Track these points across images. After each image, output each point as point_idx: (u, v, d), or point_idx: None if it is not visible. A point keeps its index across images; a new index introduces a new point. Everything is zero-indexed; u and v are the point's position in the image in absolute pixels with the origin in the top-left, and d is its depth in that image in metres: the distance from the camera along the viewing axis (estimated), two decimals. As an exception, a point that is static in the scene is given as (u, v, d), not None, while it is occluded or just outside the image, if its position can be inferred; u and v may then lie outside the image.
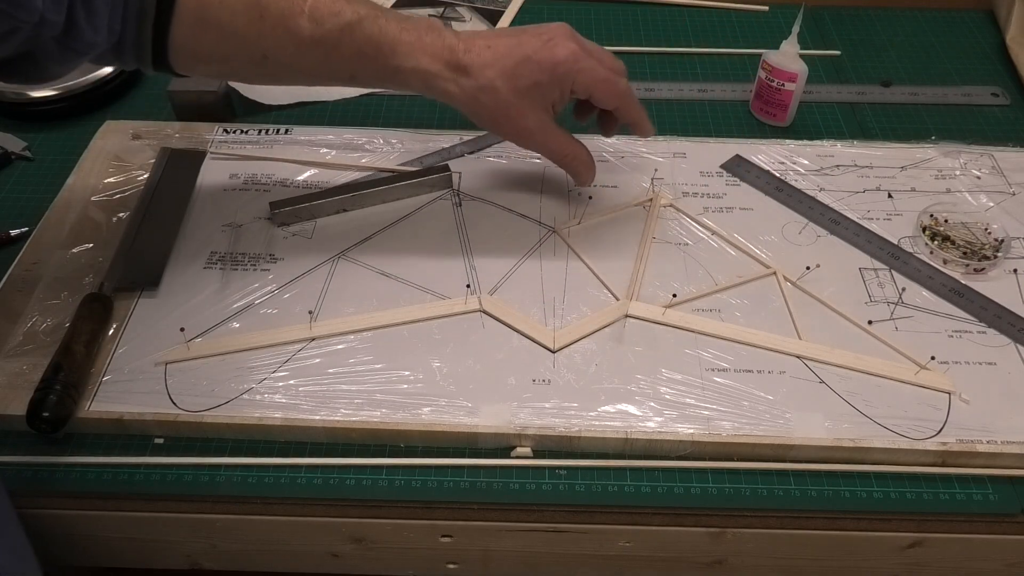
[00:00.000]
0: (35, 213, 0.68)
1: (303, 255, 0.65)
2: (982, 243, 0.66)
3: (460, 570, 0.57)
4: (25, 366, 0.57)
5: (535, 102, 0.60)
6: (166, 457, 0.54)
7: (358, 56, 0.56)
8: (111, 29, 0.51)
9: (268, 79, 0.61)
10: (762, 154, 0.74)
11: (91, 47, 0.52)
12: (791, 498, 0.53)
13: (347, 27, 0.54)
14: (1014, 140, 0.77)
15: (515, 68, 0.58)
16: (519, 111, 0.60)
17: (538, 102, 0.60)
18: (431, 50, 0.57)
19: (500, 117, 0.60)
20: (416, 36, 0.57)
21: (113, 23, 0.51)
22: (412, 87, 0.59)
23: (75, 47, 0.51)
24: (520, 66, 0.58)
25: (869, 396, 0.57)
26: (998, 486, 0.54)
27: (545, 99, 0.60)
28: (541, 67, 0.58)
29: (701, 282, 0.64)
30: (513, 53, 0.58)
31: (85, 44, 0.51)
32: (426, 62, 0.57)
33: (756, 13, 0.95)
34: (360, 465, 0.54)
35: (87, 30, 0.50)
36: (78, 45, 0.51)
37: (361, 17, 0.55)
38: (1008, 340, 0.60)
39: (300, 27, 0.53)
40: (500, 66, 0.58)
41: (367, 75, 0.58)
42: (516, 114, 0.60)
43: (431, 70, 0.57)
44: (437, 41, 0.58)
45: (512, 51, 0.59)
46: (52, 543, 0.55)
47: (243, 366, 0.58)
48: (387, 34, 0.56)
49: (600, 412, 0.55)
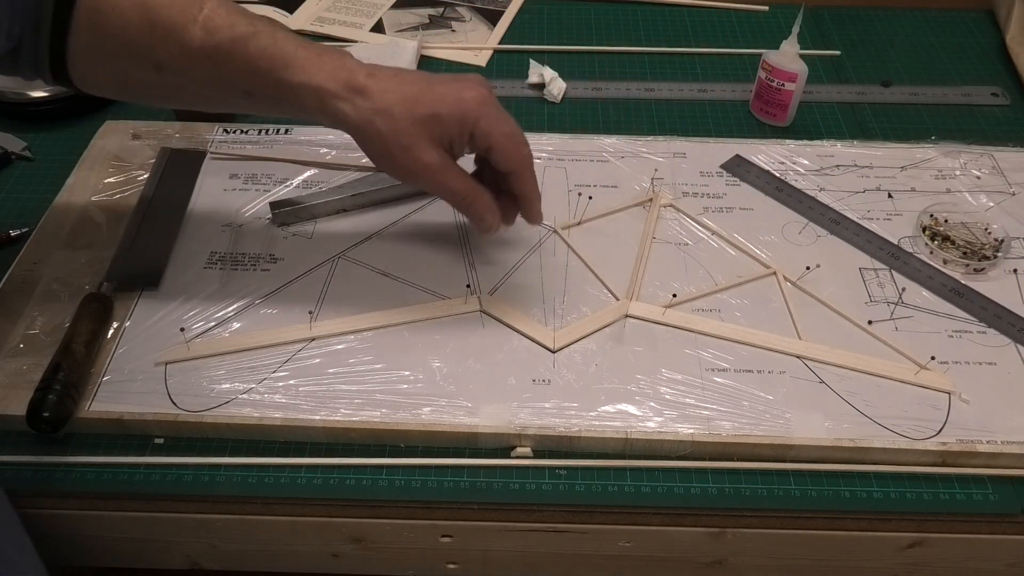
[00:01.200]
0: (35, 213, 0.68)
1: (303, 255, 0.65)
2: (982, 243, 0.66)
3: (460, 570, 0.57)
4: (25, 366, 0.57)
5: (432, 135, 0.54)
6: (166, 457, 0.54)
7: (250, 70, 0.52)
8: (10, 34, 0.50)
9: (166, 97, 0.58)
10: (762, 154, 0.74)
11: None
12: (791, 498, 0.53)
13: (239, 38, 0.52)
14: (1014, 140, 0.77)
15: (417, 96, 0.54)
16: (414, 141, 0.54)
17: (436, 136, 0.54)
18: (329, 68, 0.53)
19: (393, 147, 0.54)
20: (314, 53, 0.53)
21: (13, 27, 0.50)
22: (306, 107, 0.54)
23: None
24: (423, 94, 0.54)
25: (869, 396, 0.57)
26: (998, 486, 0.54)
27: (443, 134, 0.54)
28: (444, 100, 0.54)
29: (701, 282, 0.64)
30: (419, 83, 0.54)
31: None
32: (321, 78, 0.53)
33: (756, 13, 0.95)
34: (360, 465, 0.54)
35: None
36: None
37: (257, 31, 0.52)
38: (1008, 340, 0.60)
39: (192, 36, 0.51)
40: (401, 92, 0.53)
41: (260, 92, 0.54)
42: (411, 144, 0.54)
43: (325, 87, 0.53)
44: (337, 61, 0.54)
45: (418, 82, 0.55)
46: (52, 543, 0.55)
47: (243, 366, 0.58)
48: (282, 48, 0.52)
49: (600, 412, 0.55)
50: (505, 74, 0.86)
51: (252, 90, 0.54)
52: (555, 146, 0.75)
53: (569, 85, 0.83)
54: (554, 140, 0.76)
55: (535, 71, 0.84)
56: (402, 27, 0.92)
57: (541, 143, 0.75)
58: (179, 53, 0.52)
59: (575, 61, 0.88)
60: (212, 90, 0.55)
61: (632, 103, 0.82)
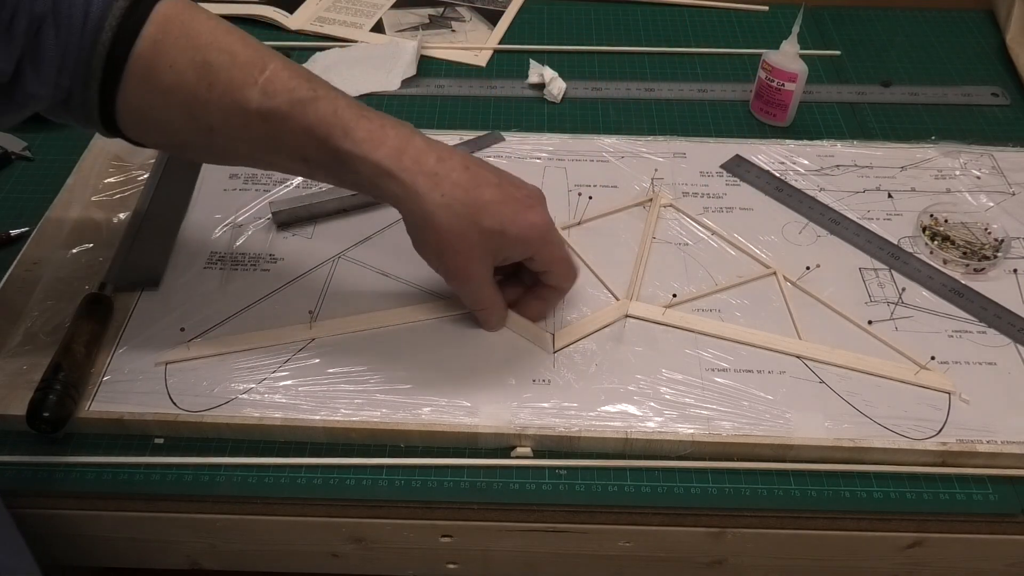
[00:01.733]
0: (35, 213, 0.68)
1: (303, 255, 0.65)
2: (982, 243, 0.66)
3: (460, 570, 0.57)
4: (25, 366, 0.57)
5: (490, 248, 0.53)
6: (166, 457, 0.54)
7: (307, 136, 0.50)
8: (58, 85, 0.49)
9: (218, 155, 0.56)
10: (762, 154, 0.74)
11: (33, 99, 0.49)
12: (791, 498, 0.53)
13: (299, 102, 0.50)
14: (1014, 140, 0.77)
15: (487, 206, 0.52)
16: (472, 250, 0.53)
17: (493, 250, 0.53)
18: (393, 143, 0.51)
19: (448, 248, 0.52)
20: (377, 125, 0.51)
21: (61, 79, 0.49)
22: (362, 181, 0.52)
23: (17, 98, 0.49)
24: (493, 206, 0.52)
25: (869, 396, 0.57)
26: (998, 486, 0.54)
27: (499, 252, 0.54)
28: (514, 221, 0.53)
29: (701, 282, 0.64)
30: (490, 187, 0.53)
31: (26, 95, 0.49)
32: (382, 154, 0.50)
33: (756, 13, 0.95)
34: (360, 465, 0.54)
35: (32, 82, 0.48)
36: (19, 96, 0.49)
37: (318, 96, 0.50)
38: (1008, 340, 0.60)
39: (249, 98, 0.49)
40: (473, 196, 0.52)
41: (317, 159, 0.51)
42: (468, 251, 0.53)
43: (385, 164, 0.50)
44: (403, 138, 0.51)
45: (489, 184, 0.53)
46: (52, 543, 0.55)
47: (243, 366, 0.58)
48: (342, 117, 0.50)
49: (600, 412, 0.55)
50: (505, 74, 0.86)
51: (308, 157, 0.52)
52: (555, 146, 0.75)
53: (569, 85, 0.83)
54: (554, 140, 0.76)
55: (535, 71, 0.84)
56: (402, 27, 0.92)
57: (541, 143, 0.75)
58: (234, 114, 0.50)
59: (575, 61, 0.88)
60: (266, 153, 0.53)
61: (632, 103, 0.82)
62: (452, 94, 0.83)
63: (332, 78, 0.82)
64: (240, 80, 0.50)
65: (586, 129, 0.78)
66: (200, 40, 0.50)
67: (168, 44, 0.49)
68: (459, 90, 0.84)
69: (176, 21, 0.49)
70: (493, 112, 0.81)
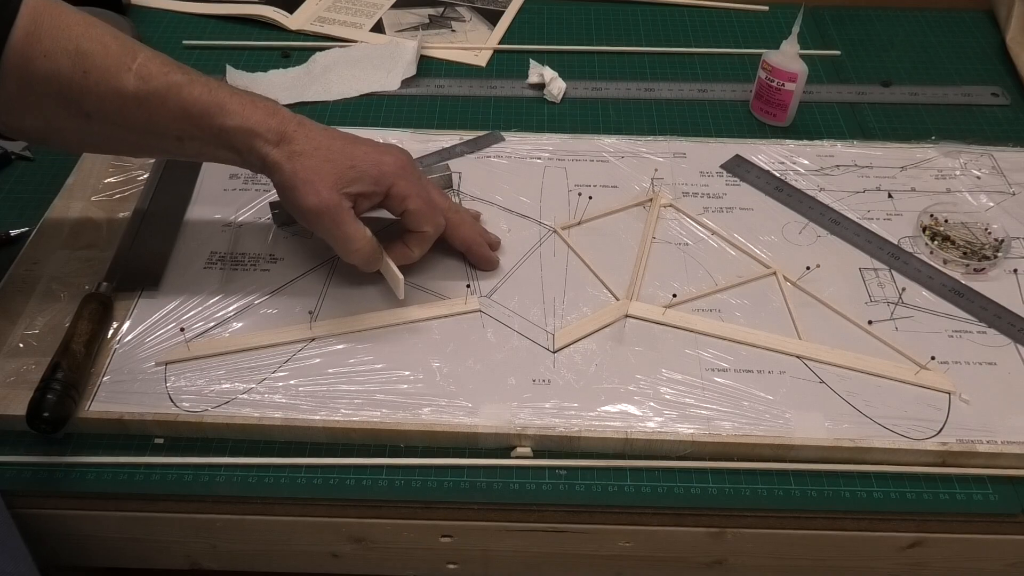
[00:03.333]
0: (35, 213, 0.68)
1: (303, 255, 0.65)
2: (982, 243, 0.66)
3: (460, 570, 0.57)
4: (25, 366, 0.57)
5: (341, 181, 0.56)
6: (166, 457, 0.54)
7: (184, 115, 0.54)
8: None
9: (92, 144, 0.60)
10: (762, 154, 0.74)
11: None
12: (791, 498, 0.53)
13: (175, 85, 0.53)
14: (1014, 140, 0.77)
15: (340, 148, 0.57)
16: (320, 179, 0.55)
17: (344, 183, 0.56)
18: (262, 113, 0.55)
19: (300, 182, 0.55)
20: (248, 100, 0.55)
21: None
22: (237, 148, 0.56)
23: None
24: (344, 148, 0.57)
25: (869, 396, 0.57)
26: (998, 486, 0.54)
27: (354, 184, 0.56)
28: (364, 158, 0.57)
29: (701, 282, 0.64)
30: (343, 139, 0.58)
31: None
32: (254, 122, 0.55)
33: (756, 13, 0.95)
34: (360, 465, 0.54)
35: None
36: None
37: (192, 79, 0.54)
38: (1008, 340, 0.60)
39: (125, 83, 0.52)
40: (324, 143, 0.56)
41: (191, 136, 0.55)
42: (315, 180, 0.55)
43: (256, 130, 0.55)
44: (270, 109, 0.56)
45: (343, 138, 0.58)
46: (52, 543, 0.55)
47: (243, 366, 0.58)
48: (216, 96, 0.54)
49: (600, 412, 0.55)
50: (505, 74, 0.86)
51: (183, 135, 0.55)
52: (555, 146, 0.75)
53: (569, 85, 0.83)
54: (554, 140, 0.76)
55: (535, 71, 0.84)
56: (402, 27, 0.92)
57: (541, 143, 0.75)
58: (110, 99, 0.53)
59: (575, 61, 0.88)
60: (141, 136, 0.56)
61: (632, 103, 0.82)
62: (452, 94, 0.83)
63: (332, 78, 0.83)
64: (115, 66, 0.52)
65: (586, 129, 0.78)
66: (72, 31, 0.52)
67: (41, 34, 0.51)
68: (459, 90, 0.84)
69: (46, 14, 0.51)
70: (493, 112, 0.81)
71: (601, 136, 0.76)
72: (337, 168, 0.56)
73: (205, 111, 0.54)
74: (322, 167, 0.56)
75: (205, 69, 0.57)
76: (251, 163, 0.57)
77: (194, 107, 0.54)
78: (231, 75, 0.83)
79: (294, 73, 0.85)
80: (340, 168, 0.56)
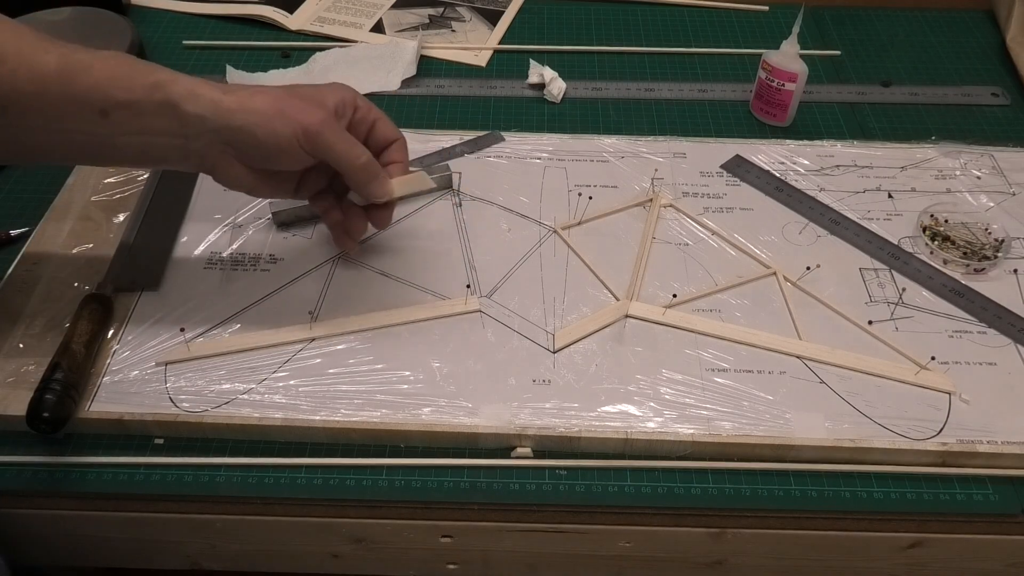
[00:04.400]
0: (35, 213, 0.68)
1: (303, 255, 0.65)
2: (982, 243, 0.66)
3: (460, 570, 0.57)
4: (25, 366, 0.57)
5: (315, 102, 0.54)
6: (166, 457, 0.54)
7: (109, 78, 0.50)
8: None
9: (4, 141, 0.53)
10: (762, 154, 0.74)
11: None
12: (791, 498, 0.53)
13: (99, 56, 0.51)
14: (1014, 140, 0.77)
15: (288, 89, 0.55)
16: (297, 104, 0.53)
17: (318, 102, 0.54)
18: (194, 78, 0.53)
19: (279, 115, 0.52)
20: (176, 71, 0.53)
21: None
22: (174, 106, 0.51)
23: None
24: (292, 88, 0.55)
25: (869, 396, 0.57)
26: (998, 486, 0.54)
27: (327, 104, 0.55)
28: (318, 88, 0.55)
29: (701, 282, 0.64)
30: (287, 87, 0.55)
31: None
32: (190, 80, 0.52)
33: (756, 13, 0.95)
34: (360, 465, 0.54)
35: None
36: None
37: (116, 55, 0.52)
38: (1008, 340, 0.60)
39: (46, 62, 0.50)
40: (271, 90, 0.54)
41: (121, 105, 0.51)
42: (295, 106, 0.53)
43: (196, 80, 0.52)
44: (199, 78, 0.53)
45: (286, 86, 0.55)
46: (52, 543, 0.55)
47: (243, 366, 0.58)
48: (143, 65, 0.52)
49: (600, 412, 0.55)
50: (505, 74, 0.86)
51: (108, 104, 0.51)
52: (555, 146, 0.75)
53: (569, 85, 0.83)
54: (554, 140, 0.76)
55: (535, 71, 0.84)
56: (402, 27, 0.92)
57: (541, 143, 0.75)
58: (29, 81, 0.50)
59: (575, 61, 0.88)
60: (60, 120, 0.51)
61: (632, 103, 0.82)
62: (452, 94, 0.83)
63: (332, 78, 0.83)
64: (30, 51, 0.50)
65: (586, 129, 0.78)
66: None
67: None
68: (459, 90, 0.84)
69: None
70: (493, 112, 0.81)
71: (601, 136, 0.76)
72: (300, 96, 0.54)
73: (134, 70, 0.51)
74: (285, 98, 0.53)
75: (205, 69, 0.56)
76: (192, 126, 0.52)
77: (121, 68, 0.51)
78: (231, 75, 0.83)
79: (294, 73, 0.85)
80: (303, 96, 0.54)
